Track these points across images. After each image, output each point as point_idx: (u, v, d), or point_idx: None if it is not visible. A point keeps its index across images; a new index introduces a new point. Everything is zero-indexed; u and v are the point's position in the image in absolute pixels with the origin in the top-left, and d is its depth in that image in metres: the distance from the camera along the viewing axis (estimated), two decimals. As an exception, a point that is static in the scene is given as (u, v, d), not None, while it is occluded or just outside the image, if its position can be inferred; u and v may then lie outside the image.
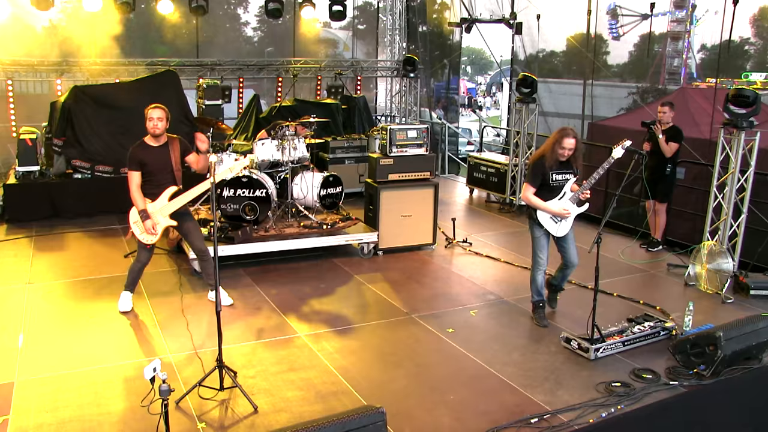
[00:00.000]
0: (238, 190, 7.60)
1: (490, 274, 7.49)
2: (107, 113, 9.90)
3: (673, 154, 8.08)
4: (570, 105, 12.18)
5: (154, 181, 5.87)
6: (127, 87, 10.34)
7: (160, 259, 7.61)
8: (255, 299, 6.55)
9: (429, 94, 15.77)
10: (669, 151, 8.05)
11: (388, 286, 7.02)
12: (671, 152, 8.06)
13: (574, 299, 6.74)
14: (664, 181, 8.19)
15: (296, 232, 7.68)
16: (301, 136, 8.13)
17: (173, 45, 13.23)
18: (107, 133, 9.85)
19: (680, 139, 8.06)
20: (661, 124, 8.11)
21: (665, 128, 8.10)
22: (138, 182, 5.81)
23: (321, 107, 12.15)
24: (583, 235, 9.23)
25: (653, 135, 8.14)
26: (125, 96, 10.04)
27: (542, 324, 6.06)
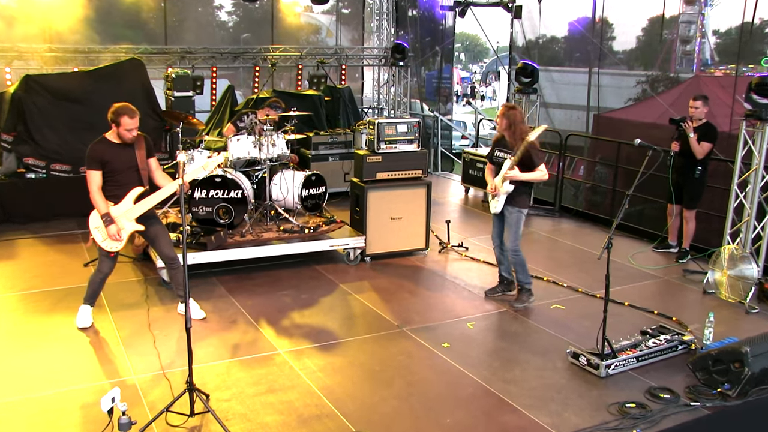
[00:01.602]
0: (210, 191, 7.55)
1: (488, 282, 7.47)
2: (64, 106, 9.76)
3: (705, 156, 7.87)
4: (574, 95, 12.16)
5: (118, 182, 5.79)
6: (87, 77, 10.19)
7: (124, 268, 7.53)
8: (230, 312, 6.49)
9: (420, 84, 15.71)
10: (701, 151, 7.84)
11: (376, 296, 6.98)
12: (703, 153, 7.84)
13: (582, 309, 6.72)
14: (693, 184, 8.01)
15: (275, 237, 7.64)
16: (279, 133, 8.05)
17: (139, 30, 13.08)
18: (64, 128, 9.71)
19: (714, 138, 7.84)
20: (693, 121, 7.92)
21: (697, 125, 7.90)
22: (99, 183, 5.70)
23: (302, 99, 12.09)
24: (588, 237, 9.34)
25: (683, 133, 7.98)
26: (84, 87, 9.90)
27: None
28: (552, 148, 11.57)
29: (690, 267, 7.99)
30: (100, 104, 9.24)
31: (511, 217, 6.55)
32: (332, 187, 9.78)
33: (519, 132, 6.40)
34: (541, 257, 8.45)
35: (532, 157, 6.36)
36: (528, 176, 6.41)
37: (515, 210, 6.55)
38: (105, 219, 5.72)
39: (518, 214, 6.55)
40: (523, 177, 6.39)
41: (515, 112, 6.47)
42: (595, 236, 9.46)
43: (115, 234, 5.74)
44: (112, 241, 5.79)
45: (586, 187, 11.49)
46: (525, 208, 6.59)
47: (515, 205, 6.54)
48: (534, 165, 6.39)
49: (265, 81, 13.07)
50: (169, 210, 8.22)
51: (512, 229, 6.57)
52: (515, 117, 6.43)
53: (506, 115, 6.44)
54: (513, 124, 6.41)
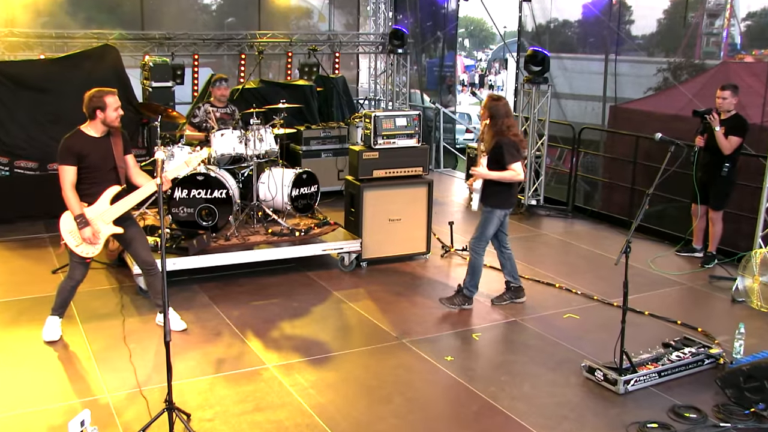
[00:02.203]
0: (192, 191, 7.55)
1: (495, 289, 7.46)
2: (29, 96, 9.71)
3: (733, 151, 7.84)
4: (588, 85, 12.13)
5: (94, 179, 5.76)
6: (54, 64, 10.14)
7: (97, 275, 7.51)
8: (213, 323, 6.48)
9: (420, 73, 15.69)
10: (728, 147, 7.81)
11: (373, 305, 6.98)
12: (731, 148, 7.81)
13: (597, 319, 6.72)
14: (720, 183, 7.99)
15: (263, 241, 7.63)
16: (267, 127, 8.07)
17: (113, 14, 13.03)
18: (30, 121, 9.67)
19: (743, 131, 7.81)
20: (720, 113, 7.88)
21: (725, 118, 7.88)
22: (73, 180, 5.67)
23: (292, 90, 12.09)
24: (604, 240, 9.34)
25: (708, 127, 7.95)
26: (52, 75, 9.86)
27: None
28: (565, 143, 11.56)
29: (717, 273, 7.98)
30: (69, 95, 9.27)
31: (482, 216, 6.67)
32: (325, 185, 9.79)
33: (498, 126, 6.43)
34: (552, 262, 8.45)
35: (503, 153, 6.37)
36: (497, 175, 6.42)
37: (486, 209, 6.63)
38: (79, 221, 5.68)
39: (488, 214, 6.62)
40: (489, 176, 6.44)
41: (499, 104, 6.50)
42: (612, 239, 9.46)
43: (91, 237, 5.71)
44: (88, 246, 5.76)
45: (602, 184, 11.48)
46: (498, 209, 6.60)
47: (486, 204, 6.62)
48: (506, 163, 6.39)
49: (252, 70, 13.03)
50: (147, 211, 8.22)
51: (478, 227, 6.70)
52: (498, 109, 6.45)
53: (489, 107, 6.48)
54: (494, 116, 6.44)
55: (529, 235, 9.65)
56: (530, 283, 7.65)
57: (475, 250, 6.73)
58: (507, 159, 6.38)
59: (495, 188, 6.53)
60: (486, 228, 6.65)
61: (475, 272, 6.79)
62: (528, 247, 9.12)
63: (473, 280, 6.82)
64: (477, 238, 6.70)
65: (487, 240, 6.71)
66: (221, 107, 8.66)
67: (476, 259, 6.74)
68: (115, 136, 5.80)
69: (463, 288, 6.88)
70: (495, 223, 6.65)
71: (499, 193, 6.57)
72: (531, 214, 10.65)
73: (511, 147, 6.38)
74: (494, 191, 6.55)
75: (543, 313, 6.87)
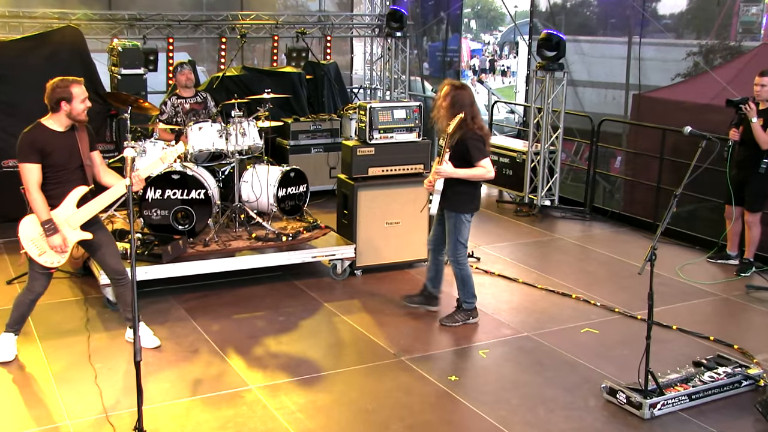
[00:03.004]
0: (167, 191, 7.53)
1: (504, 300, 7.47)
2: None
3: None
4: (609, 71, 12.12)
5: (59, 179, 5.73)
6: (9, 48, 10.05)
7: (59, 286, 7.46)
8: (190, 339, 6.47)
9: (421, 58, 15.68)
10: (766, 140, 7.80)
11: (368, 318, 6.98)
12: None
13: (619, 334, 6.71)
14: (757, 181, 7.96)
15: (246, 247, 7.64)
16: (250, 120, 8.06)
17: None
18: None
19: None
20: (758, 103, 7.85)
21: (764, 108, 7.85)
22: (39, 179, 5.63)
23: (278, 78, 12.06)
24: (626, 245, 9.34)
25: (744, 118, 7.93)
26: (6, 60, 9.76)
27: None
28: (582, 136, 11.54)
29: (754, 282, 7.98)
30: (25, 83, 9.22)
31: (449, 222, 6.61)
32: (315, 185, 9.77)
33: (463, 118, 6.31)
34: (568, 270, 8.44)
35: (469, 149, 6.31)
36: (465, 173, 6.36)
37: (452, 215, 6.57)
38: (48, 227, 5.65)
39: (455, 219, 6.56)
40: (457, 174, 6.36)
41: (464, 92, 6.43)
42: (635, 244, 9.45)
43: (61, 245, 5.69)
44: (54, 255, 5.74)
45: (624, 183, 11.47)
46: (466, 213, 6.56)
47: (452, 209, 6.54)
48: (474, 159, 6.33)
49: (234, 55, 13.02)
50: (116, 214, 8.17)
51: (450, 237, 6.63)
52: (463, 99, 6.36)
53: (450, 96, 6.38)
54: (458, 107, 6.31)
55: (543, 239, 9.63)
56: (544, 294, 7.65)
57: (456, 261, 6.66)
58: (475, 155, 6.32)
59: (459, 189, 6.44)
60: (460, 234, 6.59)
61: (466, 282, 6.77)
62: (541, 253, 9.11)
63: (468, 290, 6.80)
64: (453, 248, 6.63)
65: (465, 246, 6.67)
66: (189, 97, 8.64)
67: (461, 269, 6.70)
68: (80, 130, 5.78)
69: (462, 302, 6.85)
70: (467, 227, 6.60)
71: (464, 194, 6.51)
72: (544, 216, 10.63)
73: (478, 142, 6.32)
74: (458, 192, 6.46)
75: (558, 327, 6.86)
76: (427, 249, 7.03)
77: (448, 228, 6.62)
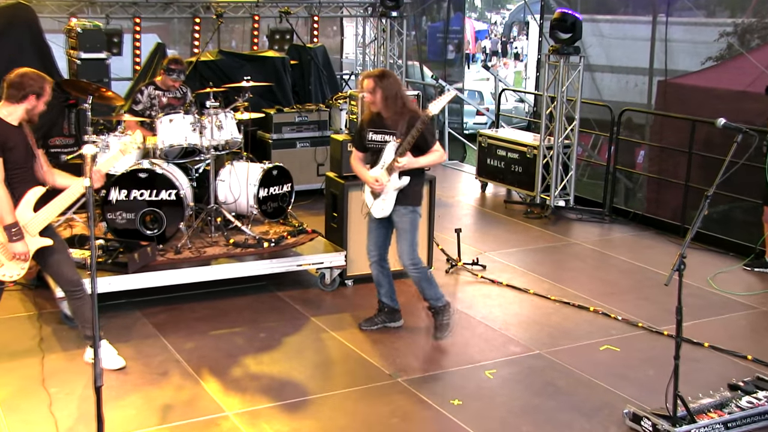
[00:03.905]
0: (133, 192, 7.53)
1: (513, 314, 7.48)
2: None
3: None
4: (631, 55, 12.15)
5: (18, 179, 5.73)
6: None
7: (9, 300, 7.35)
8: (159, 358, 6.44)
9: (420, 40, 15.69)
10: None
11: (361, 335, 6.98)
12: None
13: (643, 352, 6.71)
14: None
15: (223, 254, 7.65)
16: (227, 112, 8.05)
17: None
18: None
19: None
20: None
21: None
22: (2, 176, 5.61)
23: (259, 63, 12.07)
24: (650, 251, 9.32)
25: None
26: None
27: None
28: (601, 128, 11.56)
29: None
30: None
31: (403, 220, 6.65)
32: (301, 184, 9.76)
33: (402, 105, 6.54)
34: (585, 279, 8.45)
35: (426, 136, 6.49)
36: (426, 161, 6.59)
37: (408, 210, 6.66)
38: (14, 232, 5.63)
39: (412, 215, 6.68)
40: (421, 163, 6.55)
41: (391, 80, 6.58)
42: (660, 249, 9.46)
43: (25, 253, 5.68)
44: (15, 265, 5.73)
45: (648, 181, 11.46)
46: (418, 206, 6.73)
47: (408, 204, 6.65)
48: (428, 145, 6.54)
49: (209, 38, 13.00)
50: (75, 217, 8.15)
51: (407, 236, 6.67)
52: (393, 86, 6.54)
53: (380, 87, 6.49)
54: (392, 96, 6.49)
55: (556, 244, 9.63)
56: (557, 306, 7.65)
57: (415, 264, 6.70)
58: (430, 140, 6.55)
59: (415, 182, 6.63)
60: (415, 231, 6.70)
61: (430, 282, 6.83)
62: (554, 260, 9.11)
63: (435, 289, 6.83)
64: (411, 248, 6.66)
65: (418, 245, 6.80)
66: (169, 90, 8.62)
67: (422, 269, 6.76)
68: (25, 127, 5.82)
69: (432, 305, 6.85)
70: (418, 223, 6.75)
71: (418, 185, 6.70)
72: (558, 218, 10.63)
73: (429, 126, 6.50)
74: (415, 185, 6.64)
75: (574, 344, 6.85)
76: (369, 262, 6.98)
77: (402, 227, 6.67)
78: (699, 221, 5.36)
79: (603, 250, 9.45)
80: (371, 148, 6.69)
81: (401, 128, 6.45)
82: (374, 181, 6.55)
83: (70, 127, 10.24)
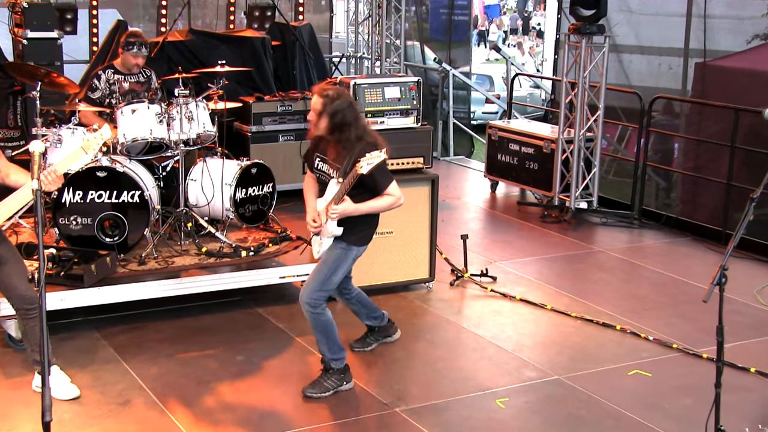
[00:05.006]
0: (90, 193, 7.51)
1: (527, 333, 7.52)
2: None
3: None
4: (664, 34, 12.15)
5: None
6: None
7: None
8: (120, 386, 6.42)
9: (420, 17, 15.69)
10: None
11: (353, 357, 6.95)
12: None
13: (679, 378, 6.71)
14: None
15: (194, 265, 7.66)
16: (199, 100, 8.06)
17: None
18: None
19: None
20: None
21: None
22: None
23: (236, 44, 12.04)
24: (686, 260, 9.35)
25: None
26: None
27: None
28: (629, 119, 11.54)
29: None
30: None
31: (330, 253, 6.31)
32: (283, 183, 9.76)
33: (350, 138, 6.03)
34: (610, 292, 8.48)
35: (376, 177, 6.01)
36: (371, 206, 6.16)
37: (341, 246, 6.28)
38: None
39: (343, 252, 6.27)
40: (363, 210, 6.13)
41: (341, 101, 6.05)
42: (698, 258, 9.48)
43: None
44: None
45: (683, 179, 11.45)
46: (356, 246, 6.32)
47: (344, 239, 6.27)
48: (379, 188, 6.12)
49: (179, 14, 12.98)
50: (22, 223, 8.12)
51: (323, 270, 6.31)
52: (344, 114, 6.02)
53: (327, 108, 6.01)
54: (337, 125, 6.03)
55: (578, 252, 9.65)
56: (579, 324, 7.66)
57: (313, 305, 6.25)
58: (381, 182, 6.08)
59: (360, 219, 6.23)
60: (336, 271, 6.28)
61: (328, 332, 6.36)
62: (576, 271, 9.13)
63: (333, 343, 6.40)
64: (319, 285, 6.26)
65: (332, 288, 6.41)
66: (130, 74, 8.60)
67: (320, 315, 6.30)
68: None
69: (328, 362, 6.46)
70: (348, 265, 6.37)
71: (364, 223, 6.29)
72: (580, 222, 10.65)
73: (381, 164, 5.93)
74: (357, 223, 6.22)
75: (598, 368, 6.85)
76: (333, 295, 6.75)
77: (324, 258, 6.30)
78: (743, 226, 5.34)
79: (631, 260, 9.48)
80: (318, 177, 6.37)
81: (345, 166, 6.00)
82: (311, 221, 6.26)
83: (15, 118, 10.23)
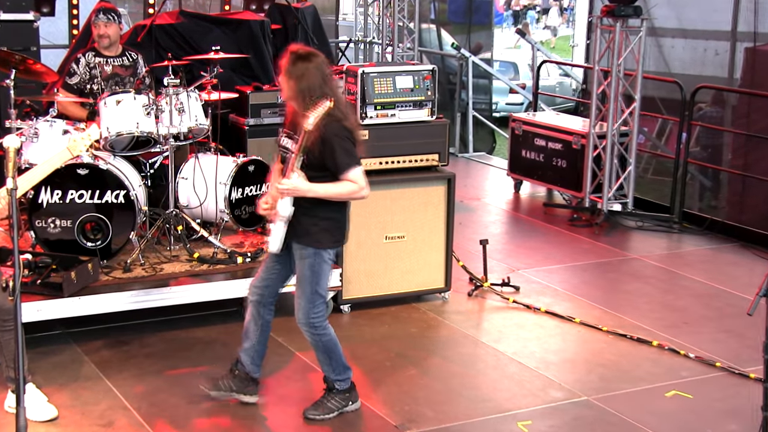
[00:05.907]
0: (69, 193, 7.54)
1: (553, 349, 7.53)
2: None
3: None
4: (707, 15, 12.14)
5: None
6: None
7: None
8: (102, 406, 6.43)
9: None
10: None
11: (360, 374, 6.95)
12: None
13: (723, 400, 6.70)
14: None
15: (185, 272, 7.69)
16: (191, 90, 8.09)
17: None
18: None
19: None
20: None
21: None
22: None
23: (231, 28, 12.03)
24: (731, 268, 9.33)
25: None
26: None
27: None
28: (669, 110, 11.54)
29: None
30: None
31: (301, 264, 6.10)
32: (284, 181, 9.74)
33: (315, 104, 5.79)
34: (647, 305, 8.48)
35: (334, 151, 5.85)
36: (323, 190, 5.90)
37: (308, 252, 6.06)
38: None
39: (314, 259, 6.06)
40: (318, 192, 5.89)
41: (310, 65, 5.91)
42: (745, 267, 9.47)
43: None
44: None
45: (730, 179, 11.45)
46: (327, 248, 6.11)
47: (309, 244, 6.06)
48: (338, 168, 5.88)
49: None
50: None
51: (305, 286, 6.13)
52: (311, 77, 5.87)
53: (291, 72, 5.91)
54: (305, 90, 5.86)
55: (611, 260, 9.65)
56: (611, 340, 7.64)
57: (312, 324, 6.16)
58: (342, 162, 5.85)
59: (318, 212, 5.98)
60: (318, 280, 6.09)
61: (331, 352, 6.29)
62: (608, 280, 9.13)
63: (337, 363, 6.33)
64: (309, 304, 6.11)
65: (324, 299, 6.23)
66: (114, 56, 8.62)
67: (322, 335, 6.23)
68: None
69: (332, 382, 6.43)
70: (328, 267, 6.15)
71: (326, 220, 6.06)
72: (613, 226, 10.64)
73: (345, 141, 5.84)
74: (316, 217, 6.00)
75: (632, 388, 6.84)
76: (248, 299, 6.48)
77: (299, 273, 6.14)
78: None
79: (671, 268, 9.48)
80: (281, 155, 6.27)
81: (309, 139, 5.76)
82: (263, 203, 6.13)
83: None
